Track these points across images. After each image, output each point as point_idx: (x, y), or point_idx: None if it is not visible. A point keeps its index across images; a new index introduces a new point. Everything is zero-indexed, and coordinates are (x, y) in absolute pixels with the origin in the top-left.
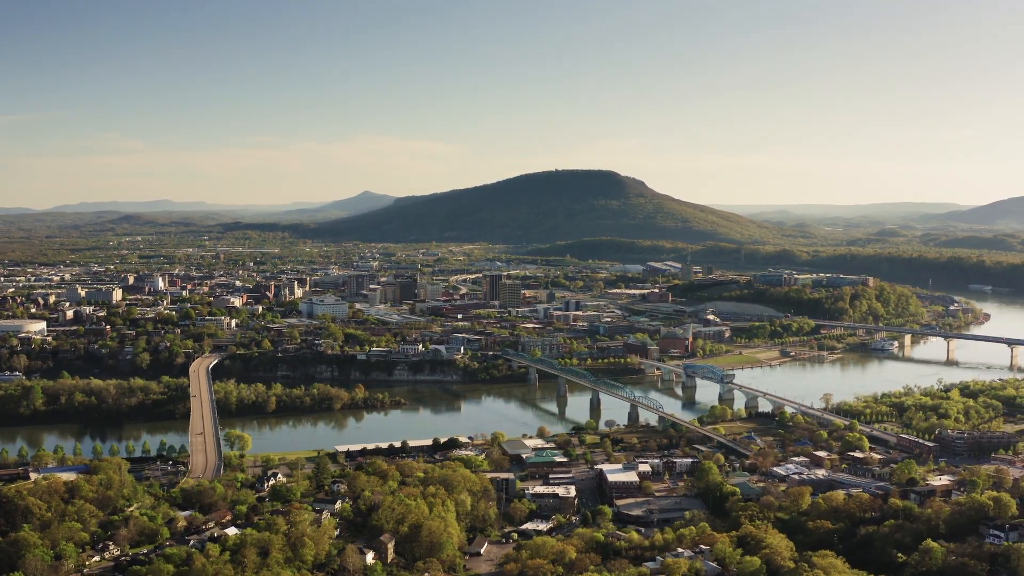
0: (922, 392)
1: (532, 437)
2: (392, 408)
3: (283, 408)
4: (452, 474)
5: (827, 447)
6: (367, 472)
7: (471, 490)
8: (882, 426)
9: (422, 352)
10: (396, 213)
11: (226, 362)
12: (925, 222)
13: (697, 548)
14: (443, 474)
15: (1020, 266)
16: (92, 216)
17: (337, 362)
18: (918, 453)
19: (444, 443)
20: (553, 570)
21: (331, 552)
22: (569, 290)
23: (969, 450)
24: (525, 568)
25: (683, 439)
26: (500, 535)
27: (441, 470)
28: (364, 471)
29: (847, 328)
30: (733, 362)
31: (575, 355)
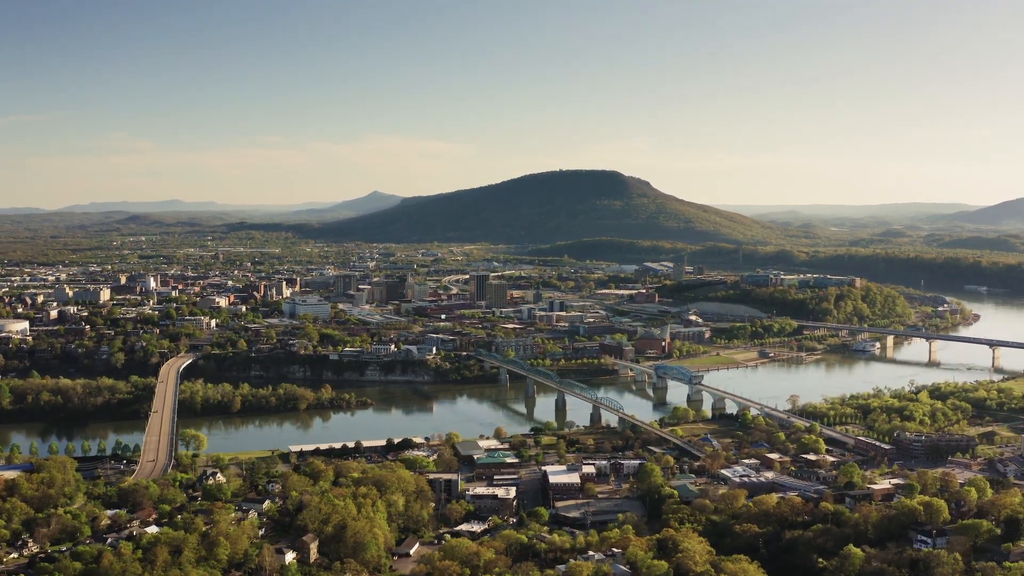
0: (892, 394)
1: (488, 438)
2: (359, 408)
3: (249, 408)
4: (386, 475)
5: (783, 449)
6: (304, 472)
7: (405, 491)
8: (844, 428)
9: (394, 352)
10: (402, 213)
11: (200, 362)
12: (932, 222)
13: (610, 551)
14: (378, 475)
15: (1016, 267)
16: (100, 216)
17: (310, 362)
18: (873, 456)
19: (398, 443)
20: (460, 571)
21: (249, 552)
22: (560, 290)
23: (926, 453)
24: (433, 569)
25: (639, 440)
26: (433, 536)
27: (379, 471)
28: (300, 471)
29: (830, 329)
30: (710, 363)
31: (548, 356)
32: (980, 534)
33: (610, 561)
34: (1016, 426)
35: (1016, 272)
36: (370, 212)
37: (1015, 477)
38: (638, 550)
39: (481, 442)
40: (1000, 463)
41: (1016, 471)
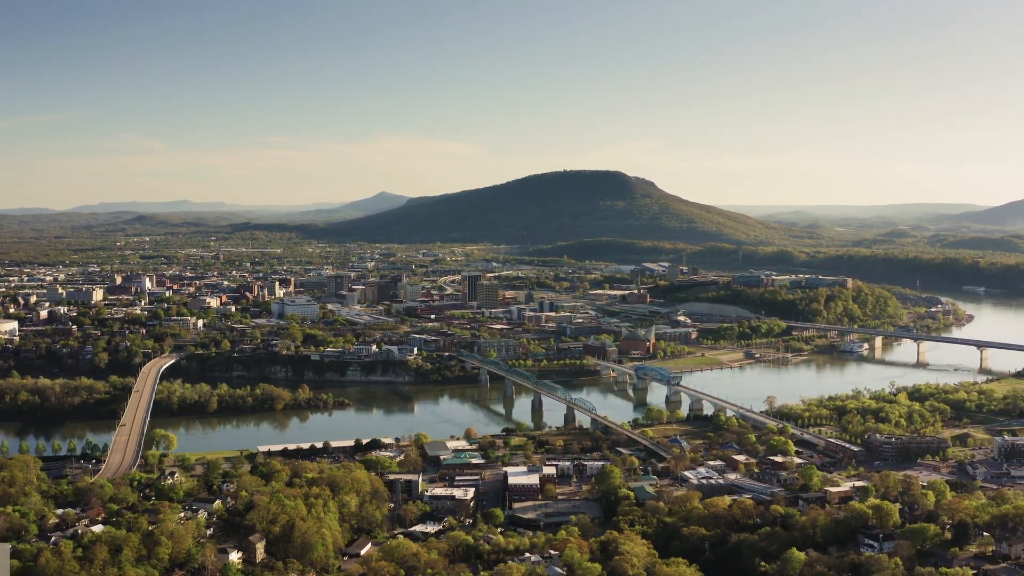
0: (871, 395)
1: (458, 439)
2: (336, 409)
3: (225, 408)
4: (341, 475)
5: (752, 451)
6: (259, 472)
7: (360, 491)
8: (818, 430)
9: (375, 353)
10: (407, 214)
11: (183, 362)
12: (939, 223)
13: (548, 553)
14: (332, 475)
15: (1014, 267)
16: (108, 216)
17: (291, 362)
18: (841, 458)
19: (366, 444)
20: (395, 571)
21: (192, 551)
22: (554, 291)
23: (896, 455)
24: (368, 570)
25: (608, 441)
26: (387, 536)
27: (335, 471)
28: (256, 471)
29: (818, 330)
30: (694, 364)
31: (530, 356)
32: (927, 538)
33: (545, 563)
34: (993, 428)
35: (1015, 272)
36: (375, 212)
37: (984, 480)
38: (575, 552)
39: (450, 443)
40: (970, 465)
41: (986, 473)
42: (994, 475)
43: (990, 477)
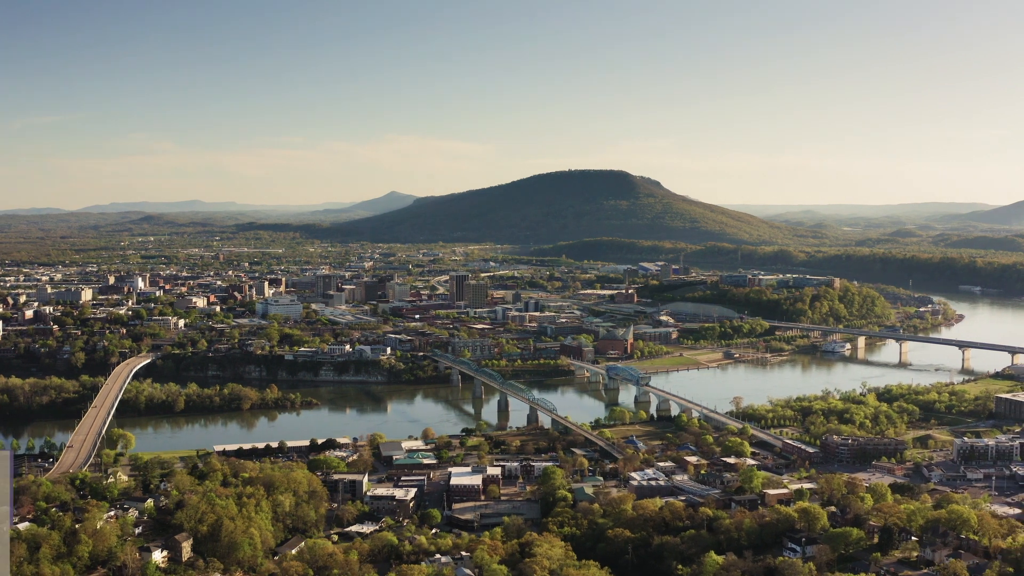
0: (841, 396)
1: (416, 439)
2: (304, 408)
3: (193, 407)
4: (277, 475)
5: (708, 452)
6: (197, 472)
7: (296, 491)
8: (780, 431)
9: (348, 353)
10: (413, 213)
11: (158, 362)
12: (946, 222)
13: (459, 555)
14: (269, 474)
15: (1011, 266)
16: (117, 216)
17: (265, 362)
18: (795, 459)
19: (321, 444)
20: (303, 571)
21: (114, 550)
22: (546, 291)
23: (853, 456)
24: (279, 570)
25: (564, 441)
26: (323, 536)
27: (273, 471)
28: (195, 471)
29: (802, 330)
30: (671, 364)
31: (504, 356)
32: (850, 543)
33: (454, 565)
34: (959, 430)
35: (1011, 272)
36: (383, 212)
37: (938, 482)
38: (484, 554)
39: (406, 443)
40: (926, 467)
41: (941, 476)
42: (950, 477)
43: (945, 480)
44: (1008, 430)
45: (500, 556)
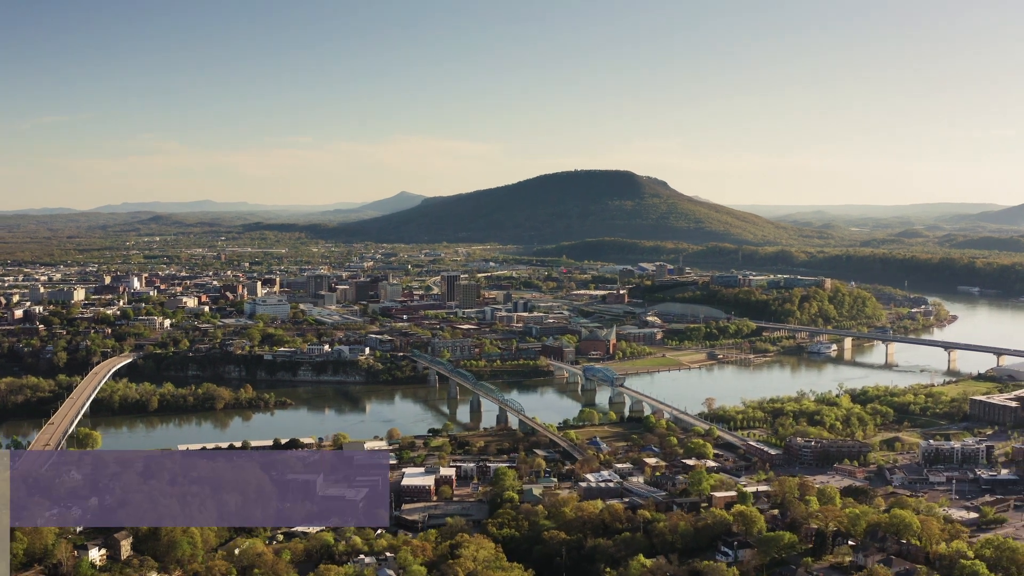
0: (816, 398)
1: (381, 439)
2: (277, 408)
3: (167, 407)
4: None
5: (671, 453)
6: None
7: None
8: (748, 432)
9: (326, 353)
10: (420, 214)
11: (139, 361)
12: (955, 222)
13: (383, 555)
14: (216, 474)
15: (1010, 267)
16: (127, 216)
17: (245, 362)
18: (756, 461)
19: (285, 443)
20: (227, 569)
21: (49, 548)
22: (540, 291)
23: (816, 459)
24: (204, 569)
25: (527, 442)
26: (267, 536)
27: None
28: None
29: (789, 330)
30: (653, 365)
31: (484, 357)
32: (782, 547)
33: (376, 566)
34: (929, 432)
35: (1010, 272)
36: (391, 213)
37: (899, 485)
38: (407, 555)
39: (369, 443)
40: (888, 470)
41: (903, 479)
42: (912, 480)
43: (907, 483)
44: (979, 433)
45: (425, 557)
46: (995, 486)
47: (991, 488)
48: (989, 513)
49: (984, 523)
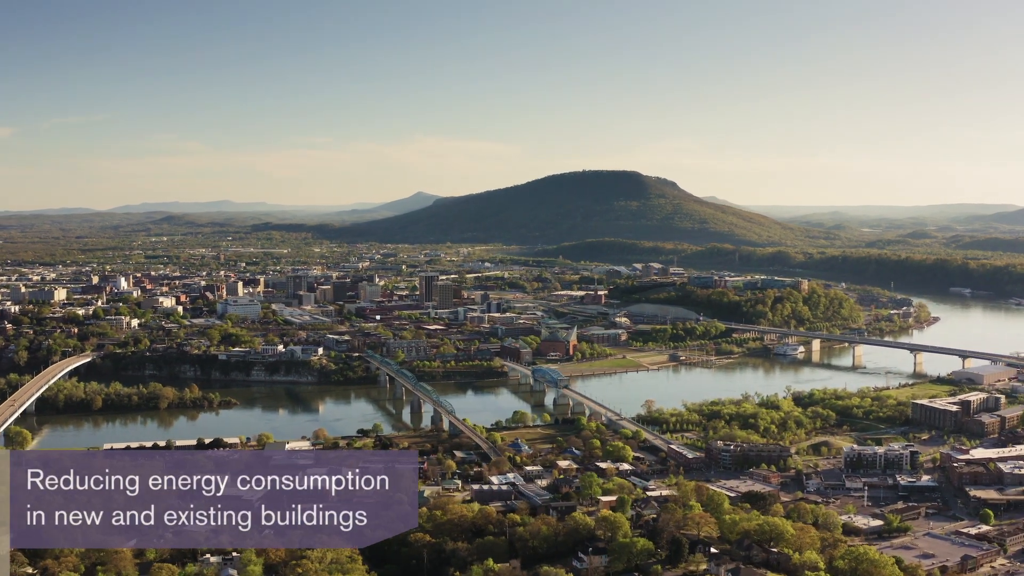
0: (760, 400)
1: (307, 439)
2: (222, 408)
3: (111, 406)
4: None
5: (591, 456)
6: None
7: None
8: (679, 436)
9: (279, 353)
10: (430, 214)
11: (97, 360)
12: (970, 223)
13: (230, 556)
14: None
15: (1002, 268)
16: (142, 216)
17: (200, 362)
18: (670, 465)
19: (209, 443)
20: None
21: None
22: (524, 291)
23: (735, 463)
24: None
25: (451, 443)
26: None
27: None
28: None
29: (758, 332)
30: (611, 366)
31: (438, 358)
32: (634, 554)
33: (221, 565)
34: (864, 436)
35: (1003, 274)
36: (403, 213)
37: (815, 491)
38: (251, 555)
39: (291, 443)
40: (806, 475)
41: (818, 484)
42: (828, 486)
43: (823, 488)
44: (915, 437)
45: (278, 558)
46: (912, 493)
47: (908, 495)
48: (894, 521)
49: (886, 532)
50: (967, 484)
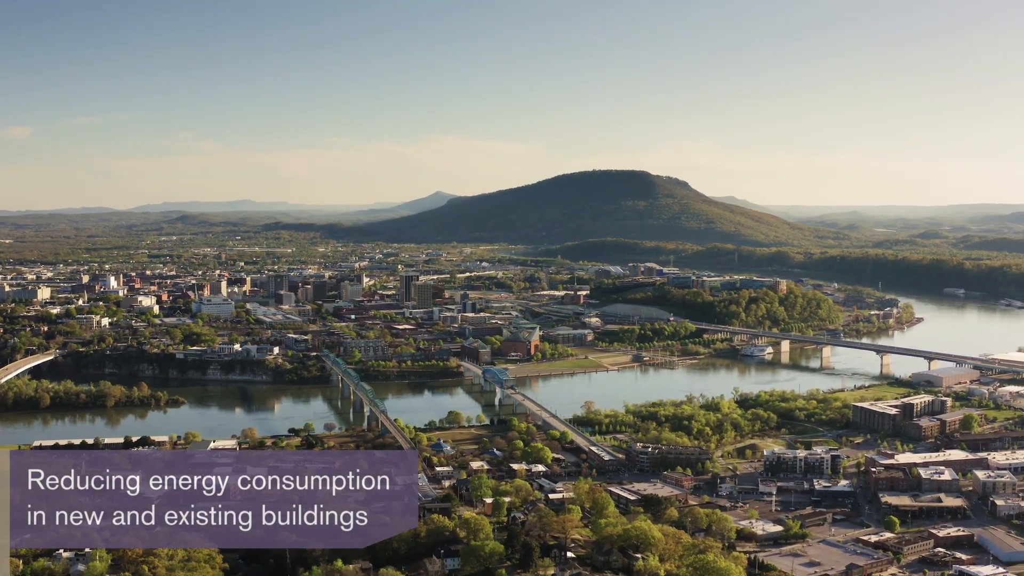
0: (705, 402)
1: (237, 437)
2: (169, 407)
3: (60, 404)
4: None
5: (511, 457)
6: None
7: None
8: (610, 437)
9: (235, 352)
10: (439, 214)
11: (59, 359)
12: (984, 223)
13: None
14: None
15: (997, 269)
16: (158, 216)
17: (158, 360)
18: (584, 467)
19: (136, 441)
20: None
21: None
22: (511, 291)
23: (653, 465)
24: None
25: (376, 443)
26: None
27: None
28: None
29: (729, 332)
30: (571, 367)
31: (395, 358)
32: (483, 557)
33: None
34: (796, 439)
35: (998, 274)
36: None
37: (727, 495)
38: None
39: (219, 442)
40: (720, 479)
41: (731, 488)
42: (742, 490)
43: (735, 492)
44: (848, 440)
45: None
46: (826, 498)
47: (821, 500)
48: (794, 527)
49: (782, 538)
50: (882, 490)
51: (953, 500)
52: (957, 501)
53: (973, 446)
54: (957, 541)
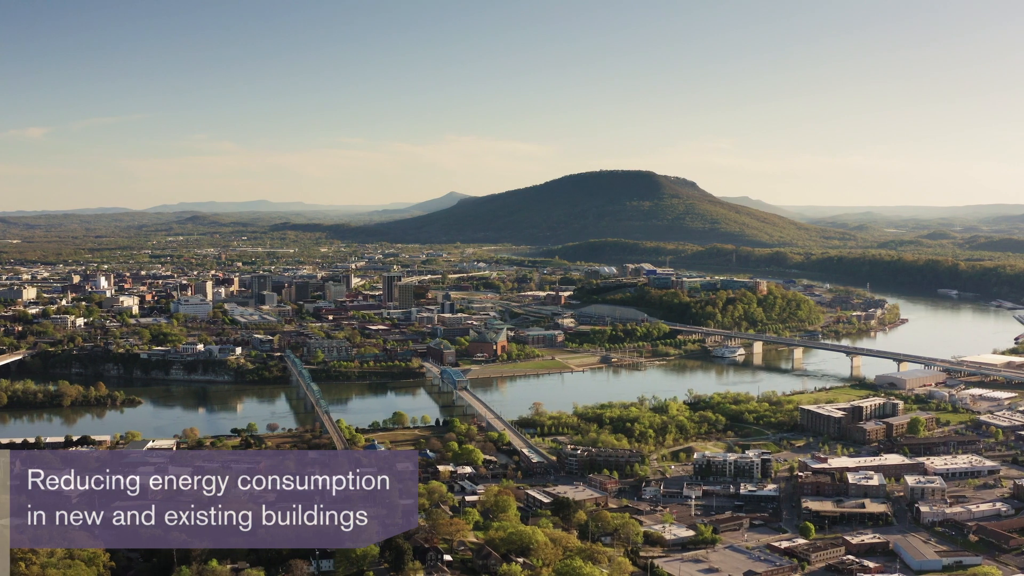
0: (657, 403)
1: (179, 437)
2: (126, 406)
3: (16, 403)
4: None
5: (444, 458)
6: None
7: None
8: (550, 439)
9: (198, 352)
10: (447, 214)
11: (27, 359)
12: (996, 223)
13: None
14: None
15: (991, 270)
16: (170, 216)
17: (123, 360)
18: (509, 470)
19: (76, 440)
20: None
21: None
22: (499, 291)
23: (582, 467)
24: None
25: (312, 444)
26: None
27: None
28: None
29: (703, 333)
30: (536, 367)
31: (358, 358)
32: (355, 559)
33: None
34: (736, 442)
35: (991, 275)
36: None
37: (650, 498)
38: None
39: (156, 442)
40: (644, 483)
41: (655, 492)
42: (667, 493)
43: (658, 496)
44: (789, 443)
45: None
46: (749, 502)
47: (743, 504)
48: (705, 532)
49: (691, 543)
50: (806, 495)
51: (876, 506)
52: (880, 507)
53: (916, 450)
54: (871, 548)
